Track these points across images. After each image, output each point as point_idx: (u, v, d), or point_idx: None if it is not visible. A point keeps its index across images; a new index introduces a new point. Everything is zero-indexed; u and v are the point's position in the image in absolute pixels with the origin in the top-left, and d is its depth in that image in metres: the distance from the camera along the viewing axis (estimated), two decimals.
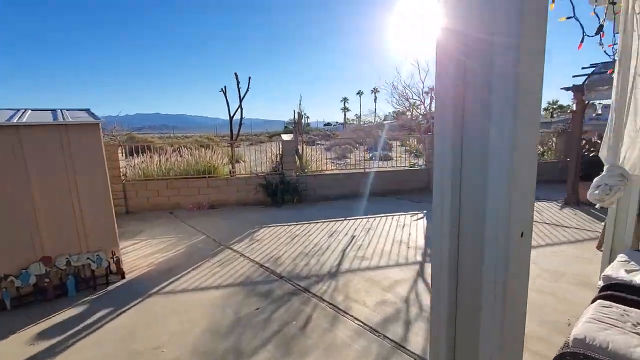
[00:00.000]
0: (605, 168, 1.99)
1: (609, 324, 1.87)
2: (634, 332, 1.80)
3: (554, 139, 9.57)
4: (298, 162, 7.76)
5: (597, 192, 2.00)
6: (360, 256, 4.15)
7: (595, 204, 2.16)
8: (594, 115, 10.89)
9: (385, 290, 3.23)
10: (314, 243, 4.70)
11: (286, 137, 7.67)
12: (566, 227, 5.05)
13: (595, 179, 2.05)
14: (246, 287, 3.42)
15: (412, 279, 3.47)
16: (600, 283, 2.49)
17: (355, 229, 5.32)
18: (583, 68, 7.28)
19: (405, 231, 5.11)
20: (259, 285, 3.45)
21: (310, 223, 5.73)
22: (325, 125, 65.38)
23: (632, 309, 2.01)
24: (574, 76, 7.10)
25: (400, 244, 4.53)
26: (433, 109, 9.12)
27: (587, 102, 6.55)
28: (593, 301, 2.24)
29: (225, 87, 8.23)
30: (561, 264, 3.68)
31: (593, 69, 7.00)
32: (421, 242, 4.63)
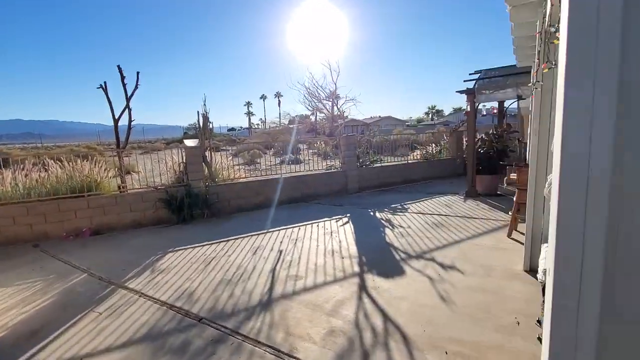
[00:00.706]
0: None
1: None
2: None
3: (447, 138, 10.65)
4: (207, 171, 6.81)
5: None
6: (294, 275, 3.63)
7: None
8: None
9: (331, 316, 2.79)
10: (236, 265, 4.00)
11: (190, 142, 6.66)
12: (475, 218, 5.43)
13: (550, 177, 1.98)
14: (152, 342, 2.57)
15: (355, 296, 3.11)
16: (542, 277, 2.51)
17: (281, 241, 4.78)
18: (470, 74, 8.17)
19: (334, 239, 4.79)
20: (171, 336, 2.64)
21: (228, 240, 4.97)
22: (229, 130, 62.66)
23: None
24: (465, 81, 7.91)
25: (333, 255, 4.18)
26: (338, 110, 9.22)
27: (477, 104, 7.32)
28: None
29: (105, 83, 6.73)
30: (487, 257, 3.81)
31: (479, 74, 7.89)
32: (353, 249, 4.36)
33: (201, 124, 7.04)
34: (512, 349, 2.26)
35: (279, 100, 73.57)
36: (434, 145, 10.69)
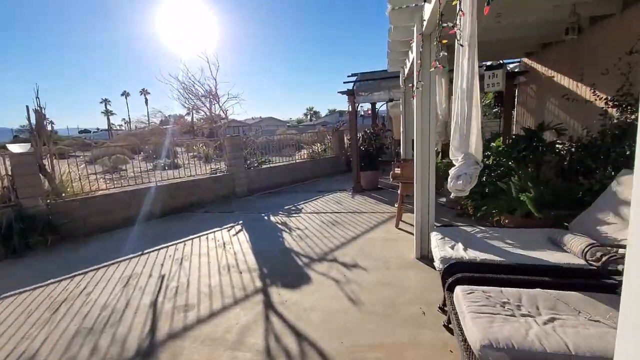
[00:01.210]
0: (460, 158, 1.99)
1: (488, 313, 1.84)
2: (510, 315, 1.84)
3: (330, 137, 11.12)
4: (47, 184, 5.25)
5: (460, 182, 1.98)
6: (182, 305, 3.00)
7: (454, 195, 2.17)
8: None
9: (235, 349, 2.35)
10: (100, 305, 3.09)
11: (17, 147, 5.00)
12: (365, 212, 5.69)
13: (453, 170, 2.04)
14: None
15: (262, 317, 2.73)
16: (439, 265, 2.64)
17: (162, 264, 3.98)
18: (348, 76, 8.64)
19: (228, 252, 4.25)
20: None
21: (87, 272, 3.87)
22: (81, 132, 52.07)
23: (488, 288, 2.12)
24: (344, 82, 8.31)
25: (230, 271, 3.67)
26: (218, 111, 8.53)
27: (357, 104, 7.77)
28: (449, 288, 2.29)
29: None
30: (382, 250, 3.95)
31: (356, 77, 8.39)
32: (252, 261, 3.94)
33: (34, 123, 5.38)
34: (425, 343, 2.28)
35: (146, 98, 65.13)
36: (319, 144, 11.01)
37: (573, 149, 3.88)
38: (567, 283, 2.17)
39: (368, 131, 7.92)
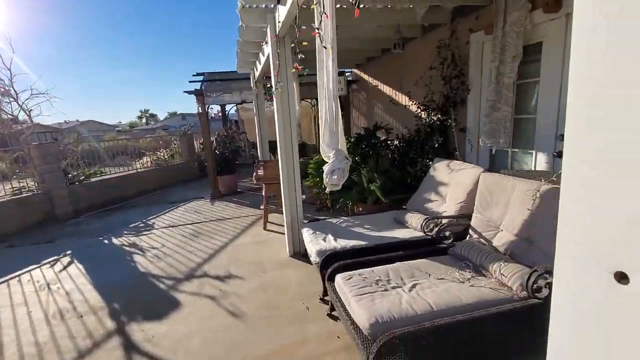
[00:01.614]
0: (332, 154, 2.11)
1: (368, 293, 2.05)
2: (384, 290, 2.09)
3: (177, 141, 10.10)
4: None
5: (335, 177, 2.10)
6: None
7: (329, 189, 2.28)
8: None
9: None
10: None
11: None
12: (228, 218, 5.44)
13: (327, 167, 2.15)
14: None
15: None
16: (316, 258, 2.77)
17: None
18: (194, 75, 8.05)
19: (58, 293, 3.27)
20: None
21: None
22: None
23: (362, 270, 2.34)
24: (190, 81, 7.69)
25: (64, 317, 2.83)
26: (19, 108, 6.50)
27: (207, 105, 7.32)
28: (329, 278, 2.43)
29: None
30: (255, 254, 3.86)
31: (202, 76, 7.90)
32: (96, 298, 3.14)
33: None
34: (313, 336, 2.34)
35: None
36: (164, 150, 9.83)
37: (399, 144, 4.77)
38: (415, 253, 2.64)
39: (222, 134, 7.59)
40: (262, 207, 4.98)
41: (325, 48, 1.93)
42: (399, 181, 4.25)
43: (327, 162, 2.16)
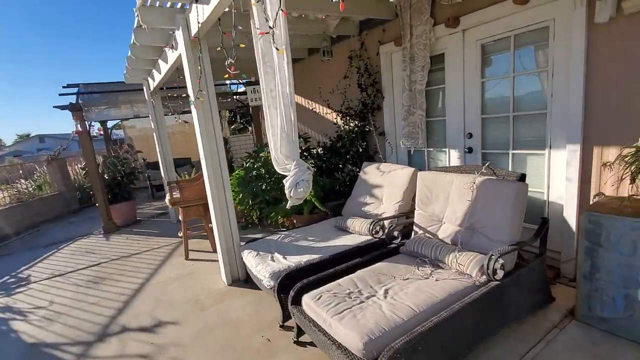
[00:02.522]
0: (293, 165, 1.92)
1: (346, 309, 1.92)
2: (360, 302, 1.98)
3: (44, 169, 8.17)
4: None
5: (300, 190, 1.90)
6: None
7: (290, 204, 2.06)
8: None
9: None
10: None
11: None
12: (136, 254, 4.60)
13: (289, 180, 1.94)
14: None
15: None
16: (270, 282, 2.51)
17: None
18: (64, 87, 6.69)
19: None
20: None
21: None
22: None
23: (327, 286, 2.20)
24: (60, 94, 6.33)
25: None
26: None
27: (89, 122, 6.11)
28: (294, 301, 2.21)
29: None
30: (185, 290, 3.32)
31: (77, 88, 6.62)
32: None
33: None
34: None
35: None
36: (25, 181, 7.82)
37: (321, 152, 4.80)
38: (370, 257, 2.64)
39: (112, 155, 6.44)
40: (179, 234, 4.36)
41: (278, 49, 1.75)
42: (329, 189, 4.26)
43: (286, 175, 1.97)
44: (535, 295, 2.35)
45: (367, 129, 4.36)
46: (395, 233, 2.84)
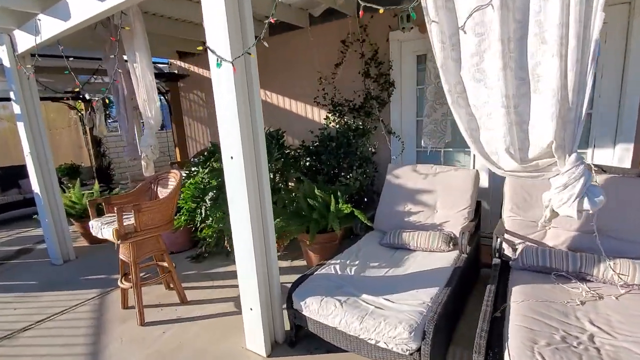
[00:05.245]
0: (571, 160, 1.20)
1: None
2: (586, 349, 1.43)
3: None
4: None
5: (587, 201, 1.19)
6: None
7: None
8: None
9: None
10: None
11: None
12: (18, 331, 2.63)
13: (567, 187, 1.19)
14: None
15: None
16: (412, 345, 1.65)
17: None
18: None
19: None
20: None
21: None
22: None
23: (529, 333, 1.55)
24: None
25: None
26: None
27: None
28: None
29: None
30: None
31: None
32: None
33: None
34: None
35: None
36: None
37: (306, 154, 3.92)
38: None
39: None
40: (122, 283, 2.69)
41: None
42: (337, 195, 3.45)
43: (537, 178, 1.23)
44: None
45: (369, 126, 3.78)
46: (505, 247, 2.36)
